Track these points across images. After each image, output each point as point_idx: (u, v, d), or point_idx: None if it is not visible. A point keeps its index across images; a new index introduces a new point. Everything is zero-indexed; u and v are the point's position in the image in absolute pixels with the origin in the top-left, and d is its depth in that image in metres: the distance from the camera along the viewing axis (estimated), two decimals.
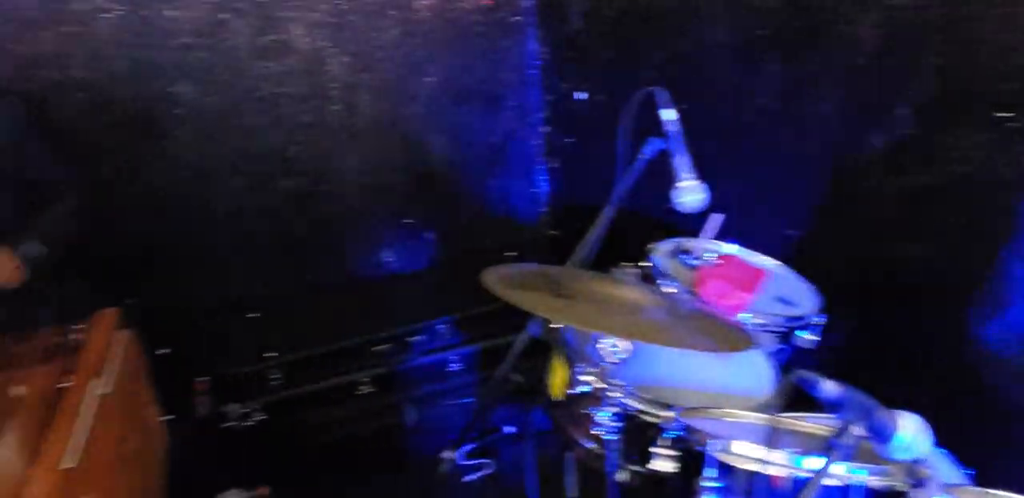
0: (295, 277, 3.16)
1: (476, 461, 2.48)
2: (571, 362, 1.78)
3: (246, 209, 3.03)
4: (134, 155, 2.83)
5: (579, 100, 3.19)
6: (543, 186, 3.55)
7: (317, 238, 3.17)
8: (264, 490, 2.49)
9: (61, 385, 1.67)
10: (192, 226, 2.96)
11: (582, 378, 1.73)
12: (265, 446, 2.56)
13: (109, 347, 1.88)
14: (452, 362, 2.78)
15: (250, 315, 2.75)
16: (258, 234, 3.07)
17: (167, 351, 2.77)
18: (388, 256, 3.32)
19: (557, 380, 1.82)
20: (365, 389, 2.64)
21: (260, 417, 2.50)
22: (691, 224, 2.10)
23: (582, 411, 1.72)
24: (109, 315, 2.01)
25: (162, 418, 2.10)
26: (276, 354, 2.55)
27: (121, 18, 2.74)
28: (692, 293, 1.92)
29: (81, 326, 1.99)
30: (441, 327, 2.78)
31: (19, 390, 1.65)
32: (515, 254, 3.24)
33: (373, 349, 2.67)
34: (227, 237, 3.03)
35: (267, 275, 3.11)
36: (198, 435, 2.43)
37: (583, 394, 1.72)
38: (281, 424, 2.56)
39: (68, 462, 1.42)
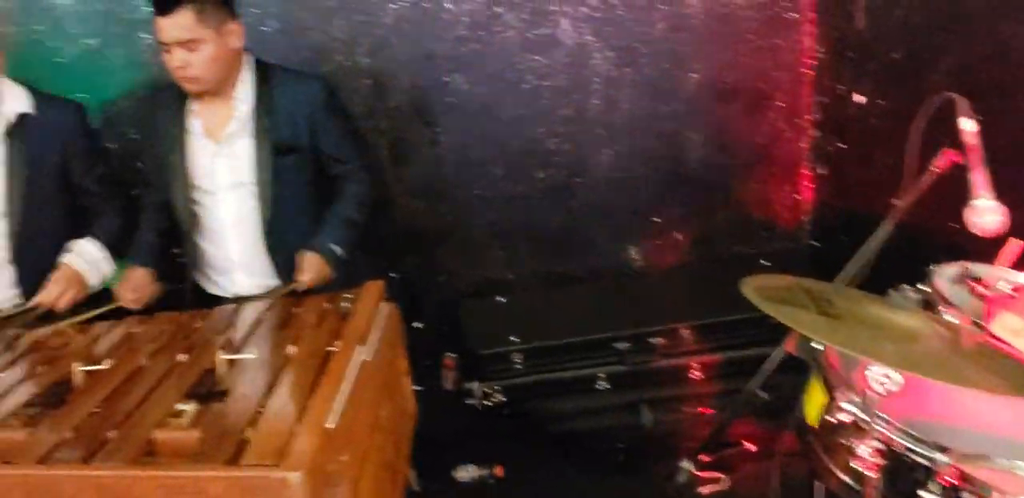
0: (543, 266, 3.23)
1: (712, 474, 2.41)
2: (831, 388, 1.66)
3: (503, 197, 3.13)
4: (407, 139, 3.01)
5: (856, 104, 2.97)
6: (807, 193, 3.36)
7: (567, 230, 3.21)
8: (499, 470, 2.57)
9: (329, 349, 1.78)
10: (453, 210, 3.11)
11: (843, 406, 1.60)
12: (502, 427, 2.63)
13: (374, 317, 1.99)
14: (694, 368, 2.70)
15: (499, 299, 2.86)
16: (512, 222, 3.17)
17: (421, 325, 2.94)
18: (635, 253, 3.29)
19: (813, 405, 1.70)
20: (602, 385, 2.64)
21: (500, 399, 2.57)
22: (982, 248, 1.89)
23: (840, 441, 1.59)
24: (376, 287, 2.12)
25: (413, 388, 2.21)
26: (518, 339, 2.62)
27: (406, 9, 2.91)
28: (980, 326, 1.72)
29: (350, 295, 2.12)
30: (685, 331, 2.71)
31: (293, 349, 1.79)
32: (770, 264, 3.09)
33: (613, 346, 2.66)
34: (484, 223, 3.15)
35: (517, 262, 3.21)
36: (443, 408, 2.55)
37: (842, 423, 1.60)
38: (519, 408, 2.63)
39: (331, 422, 1.50)
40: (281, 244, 2.31)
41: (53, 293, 2.19)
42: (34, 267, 2.23)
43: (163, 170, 2.33)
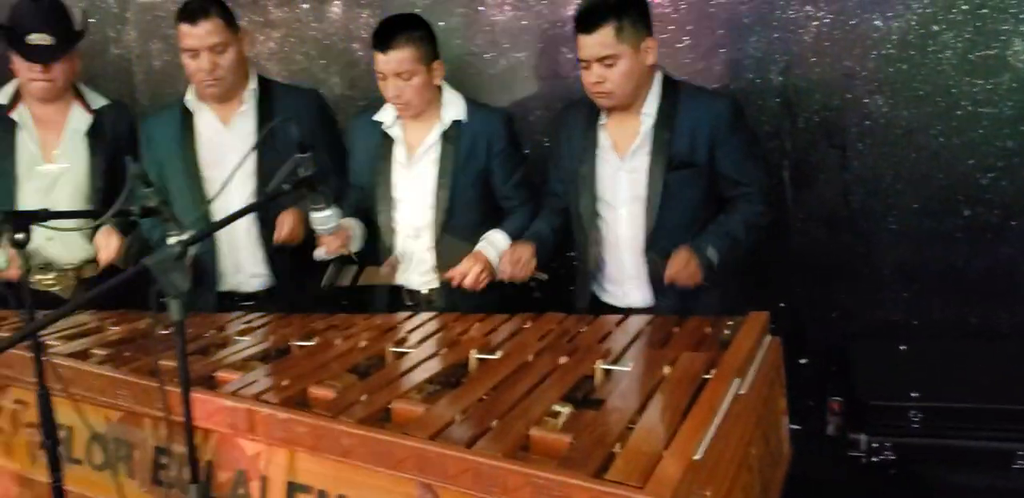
0: (958, 317, 2.83)
1: None
2: None
3: (918, 234, 2.80)
4: (813, 163, 2.83)
5: None
6: None
7: (992, 277, 2.78)
8: None
9: (705, 376, 1.71)
10: (857, 242, 2.86)
11: None
12: (887, 488, 2.34)
13: (755, 349, 1.88)
14: None
15: (900, 346, 2.57)
16: (925, 262, 2.82)
17: (806, 361, 2.74)
18: None
19: None
20: (1021, 464, 2.22)
21: (888, 456, 2.29)
22: None
23: None
24: (760, 318, 2.02)
25: (790, 428, 2.06)
26: (918, 395, 2.31)
27: (827, 26, 2.75)
28: None
29: (732, 323, 2.03)
30: None
31: (668, 369, 1.74)
32: None
33: None
34: (892, 260, 2.85)
35: (925, 307, 2.84)
36: (821, 455, 2.34)
37: None
38: (910, 471, 2.32)
39: (699, 453, 1.43)
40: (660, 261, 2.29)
41: (464, 268, 2.38)
42: (451, 255, 2.46)
43: (571, 180, 2.43)
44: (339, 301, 2.73)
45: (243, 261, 2.66)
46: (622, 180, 2.34)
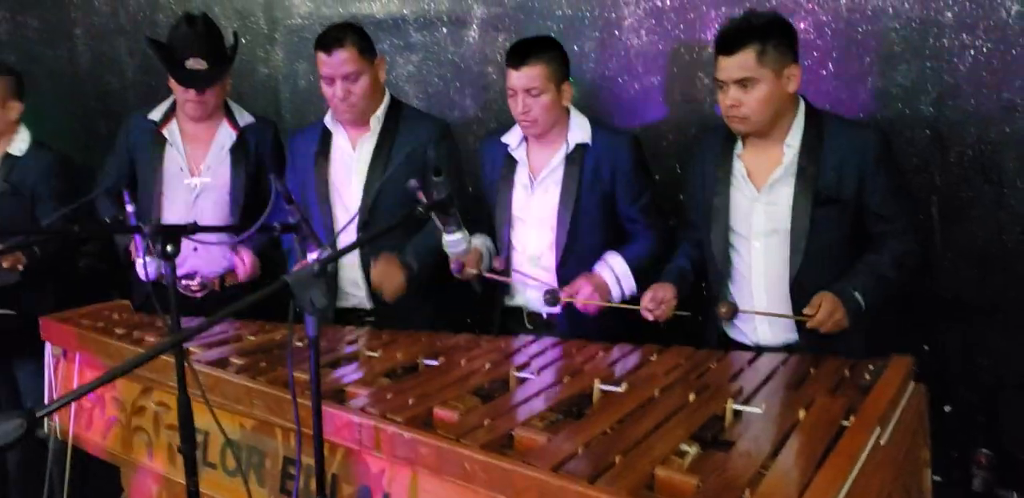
0: None
1: None
2: None
3: None
4: (965, 199, 2.66)
5: None
6: None
7: None
8: None
9: (843, 422, 1.63)
10: (1011, 283, 2.64)
11: None
12: None
13: (898, 396, 1.78)
14: None
15: None
16: None
17: (950, 409, 2.57)
18: None
19: None
20: None
21: None
22: None
23: None
24: (904, 362, 1.91)
25: (933, 480, 1.93)
26: None
27: (985, 55, 2.59)
28: None
29: (873, 367, 1.93)
30: None
31: (803, 413, 1.66)
32: None
33: None
34: None
35: None
36: None
37: None
38: None
39: None
40: (805, 297, 2.19)
41: (575, 286, 2.39)
42: (572, 278, 2.45)
43: (703, 210, 2.37)
44: (463, 320, 2.75)
45: (359, 280, 2.71)
46: (759, 212, 2.26)
